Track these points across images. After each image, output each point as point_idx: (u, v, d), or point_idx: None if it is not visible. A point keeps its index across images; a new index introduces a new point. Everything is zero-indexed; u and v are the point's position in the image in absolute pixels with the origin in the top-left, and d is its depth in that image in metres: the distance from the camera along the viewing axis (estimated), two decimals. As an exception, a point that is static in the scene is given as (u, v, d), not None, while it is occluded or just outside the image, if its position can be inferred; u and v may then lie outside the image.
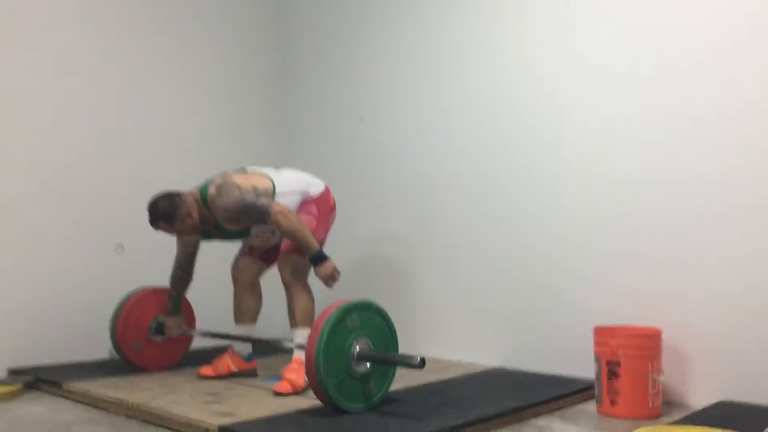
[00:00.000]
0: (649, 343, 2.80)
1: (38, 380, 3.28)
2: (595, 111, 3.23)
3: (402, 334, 3.74)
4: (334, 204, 3.32)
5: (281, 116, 4.69)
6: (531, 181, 3.45)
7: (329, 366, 2.55)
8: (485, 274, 3.62)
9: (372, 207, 4.15)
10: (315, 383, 2.56)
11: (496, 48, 3.61)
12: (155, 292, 3.50)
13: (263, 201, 3.00)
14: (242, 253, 3.39)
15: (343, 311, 2.62)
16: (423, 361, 2.52)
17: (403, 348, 3.64)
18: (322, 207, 3.23)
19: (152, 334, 3.48)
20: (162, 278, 3.49)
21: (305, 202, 3.20)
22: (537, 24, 3.45)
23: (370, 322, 2.71)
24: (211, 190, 3.07)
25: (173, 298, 3.39)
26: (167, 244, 3.40)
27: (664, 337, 2.86)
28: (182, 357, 3.60)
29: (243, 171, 3.20)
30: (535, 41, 3.45)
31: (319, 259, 3.00)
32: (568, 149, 3.32)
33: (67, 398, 3.10)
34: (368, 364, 2.66)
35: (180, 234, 3.17)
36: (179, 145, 4.20)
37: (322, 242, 3.20)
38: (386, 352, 2.73)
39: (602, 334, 2.85)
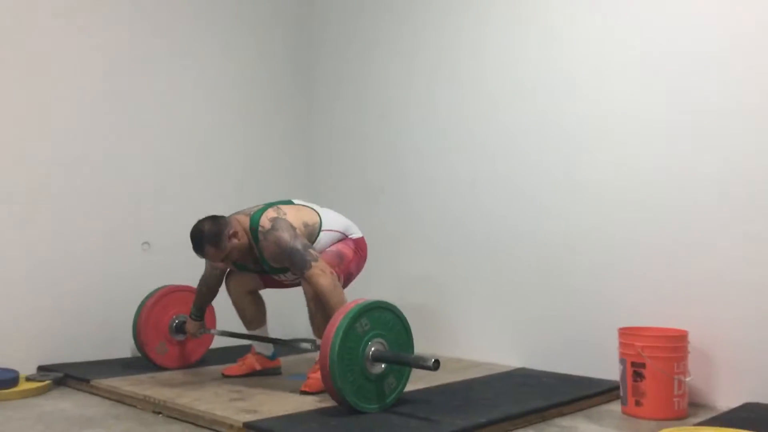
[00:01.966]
0: (674, 344, 2.78)
1: (67, 377, 3.34)
2: (617, 109, 3.21)
3: (425, 334, 3.77)
4: (366, 255, 3.24)
5: (304, 116, 4.70)
6: (553, 180, 3.44)
7: (345, 374, 2.53)
8: (508, 274, 3.61)
9: (393, 207, 4.16)
10: (332, 391, 2.56)
11: (515, 46, 3.60)
12: (172, 291, 3.54)
13: (310, 253, 2.88)
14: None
15: (361, 310, 2.60)
16: (437, 363, 2.48)
17: (426, 348, 3.67)
18: (358, 251, 3.18)
19: (173, 334, 3.52)
20: (188, 276, 3.52)
21: (344, 239, 3.17)
22: (557, 21, 3.43)
23: (383, 321, 2.68)
24: (264, 222, 2.95)
25: (197, 306, 3.41)
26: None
27: (690, 338, 2.83)
28: (203, 355, 3.63)
29: (290, 203, 3.14)
30: (556, 38, 3.44)
31: None
32: (591, 149, 3.30)
33: (94, 394, 3.15)
34: (383, 366, 2.64)
35: (227, 260, 3.00)
36: (203, 145, 4.24)
37: (353, 276, 3.15)
38: (400, 353, 2.69)
39: (627, 335, 2.83)
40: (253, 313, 3.33)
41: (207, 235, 2.92)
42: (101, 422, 2.70)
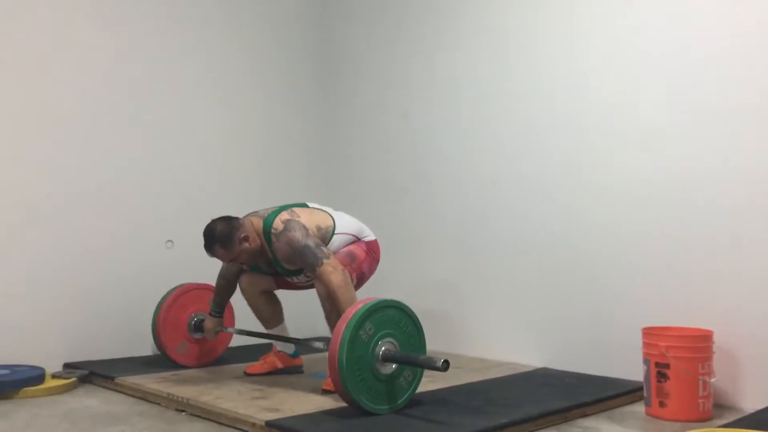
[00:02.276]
0: (699, 344, 2.74)
1: (92, 374, 3.38)
2: (640, 108, 3.18)
3: (446, 333, 3.77)
4: (379, 257, 3.24)
5: (325, 115, 4.70)
6: (576, 180, 3.41)
7: (352, 362, 2.51)
8: (531, 273, 3.59)
9: (416, 204, 4.15)
10: (337, 380, 2.54)
11: (538, 46, 3.58)
12: (189, 290, 3.58)
13: (322, 251, 2.90)
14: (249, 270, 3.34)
15: (371, 309, 2.58)
16: (447, 363, 2.45)
17: (448, 347, 3.68)
18: (370, 253, 3.17)
19: (192, 332, 3.54)
20: (212, 273, 3.54)
21: (357, 242, 3.16)
22: (580, 22, 3.40)
23: (392, 320, 2.65)
24: (277, 224, 2.98)
25: (217, 302, 3.43)
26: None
27: (716, 338, 2.80)
28: (222, 353, 3.66)
29: (305, 206, 3.16)
30: (579, 39, 3.41)
31: None
32: (614, 147, 3.27)
33: (119, 392, 3.18)
34: (393, 366, 2.62)
35: (236, 261, 3.06)
36: (224, 144, 4.27)
37: (365, 276, 3.14)
38: (410, 354, 2.65)
39: (651, 335, 2.81)
40: (270, 312, 3.34)
41: (218, 236, 2.97)
42: (126, 419, 2.73)
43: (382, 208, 4.25)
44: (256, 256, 3.06)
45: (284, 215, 3.02)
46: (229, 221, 3.01)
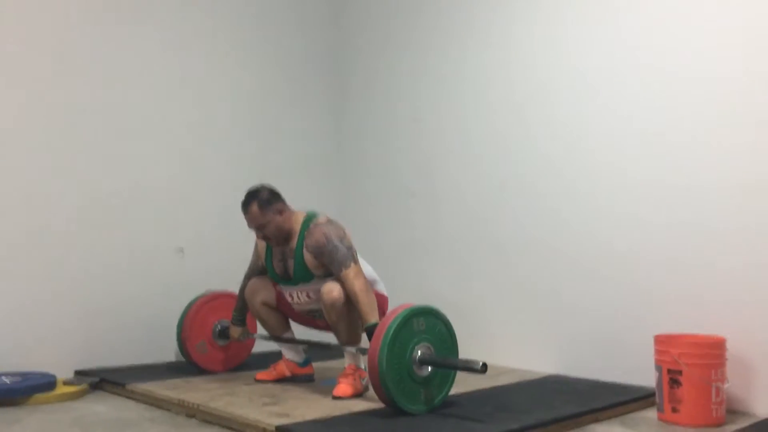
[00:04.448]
0: (712, 351, 2.72)
1: (103, 381, 3.39)
2: (655, 116, 3.17)
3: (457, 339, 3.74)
4: (384, 312, 3.20)
5: (335, 119, 4.72)
6: (588, 186, 3.40)
7: (392, 364, 2.59)
8: (542, 279, 3.58)
9: (423, 208, 4.16)
10: (376, 381, 2.60)
11: (543, 50, 3.59)
12: (222, 296, 3.62)
13: (353, 255, 2.99)
14: (257, 276, 3.37)
15: (410, 314, 2.68)
16: (485, 366, 2.55)
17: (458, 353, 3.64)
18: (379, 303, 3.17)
19: (216, 338, 3.57)
20: (223, 283, 3.56)
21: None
22: (586, 26, 3.42)
23: (432, 327, 2.75)
24: (321, 218, 3.10)
25: (239, 309, 3.45)
26: (229, 250, 3.46)
27: (729, 345, 2.77)
28: (246, 359, 3.69)
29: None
30: (584, 42, 3.42)
31: (372, 334, 2.78)
32: (627, 155, 3.26)
33: (130, 398, 3.19)
34: (429, 369, 2.70)
35: (262, 228, 3.08)
36: (233, 148, 4.28)
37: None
38: (448, 357, 2.76)
39: (663, 342, 2.79)
40: (275, 320, 3.36)
41: (259, 197, 3.07)
42: (136, 425, 2.73)
43: (391, 211, 4.27)
44: (281, 235, 3.10)
45: (330, 217, 3.14)
46: (273, 191, 3.14)
